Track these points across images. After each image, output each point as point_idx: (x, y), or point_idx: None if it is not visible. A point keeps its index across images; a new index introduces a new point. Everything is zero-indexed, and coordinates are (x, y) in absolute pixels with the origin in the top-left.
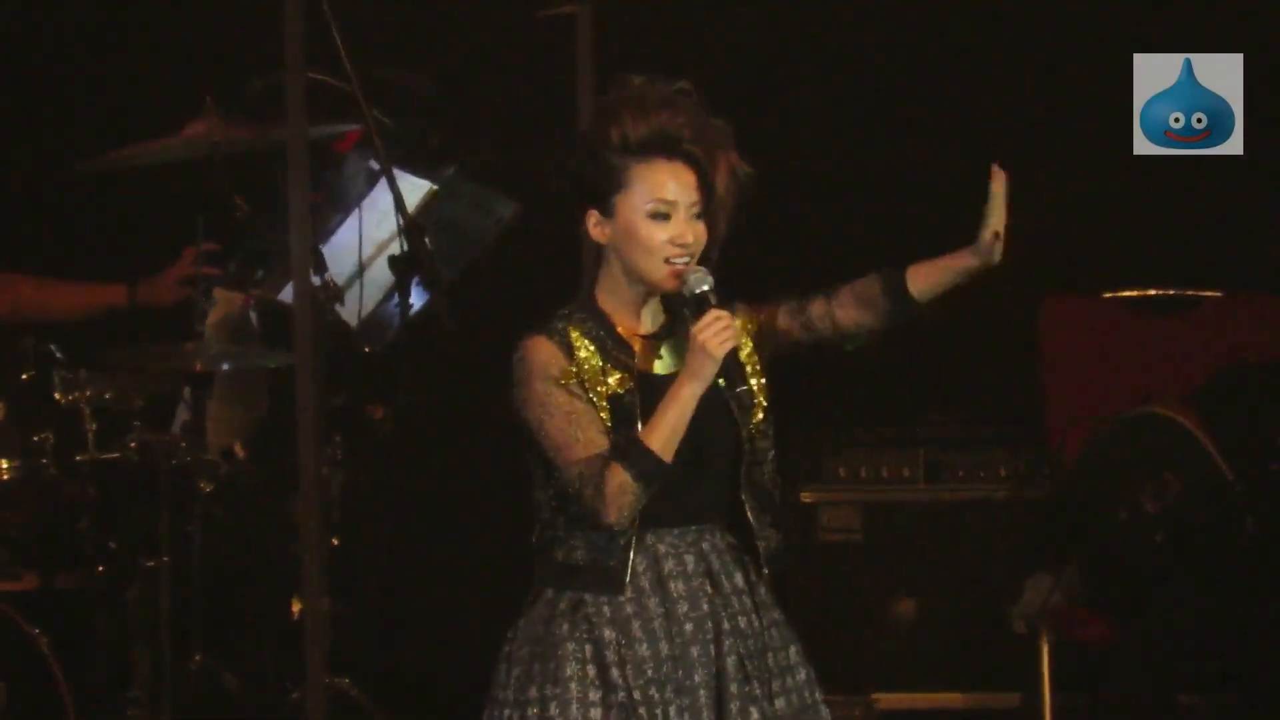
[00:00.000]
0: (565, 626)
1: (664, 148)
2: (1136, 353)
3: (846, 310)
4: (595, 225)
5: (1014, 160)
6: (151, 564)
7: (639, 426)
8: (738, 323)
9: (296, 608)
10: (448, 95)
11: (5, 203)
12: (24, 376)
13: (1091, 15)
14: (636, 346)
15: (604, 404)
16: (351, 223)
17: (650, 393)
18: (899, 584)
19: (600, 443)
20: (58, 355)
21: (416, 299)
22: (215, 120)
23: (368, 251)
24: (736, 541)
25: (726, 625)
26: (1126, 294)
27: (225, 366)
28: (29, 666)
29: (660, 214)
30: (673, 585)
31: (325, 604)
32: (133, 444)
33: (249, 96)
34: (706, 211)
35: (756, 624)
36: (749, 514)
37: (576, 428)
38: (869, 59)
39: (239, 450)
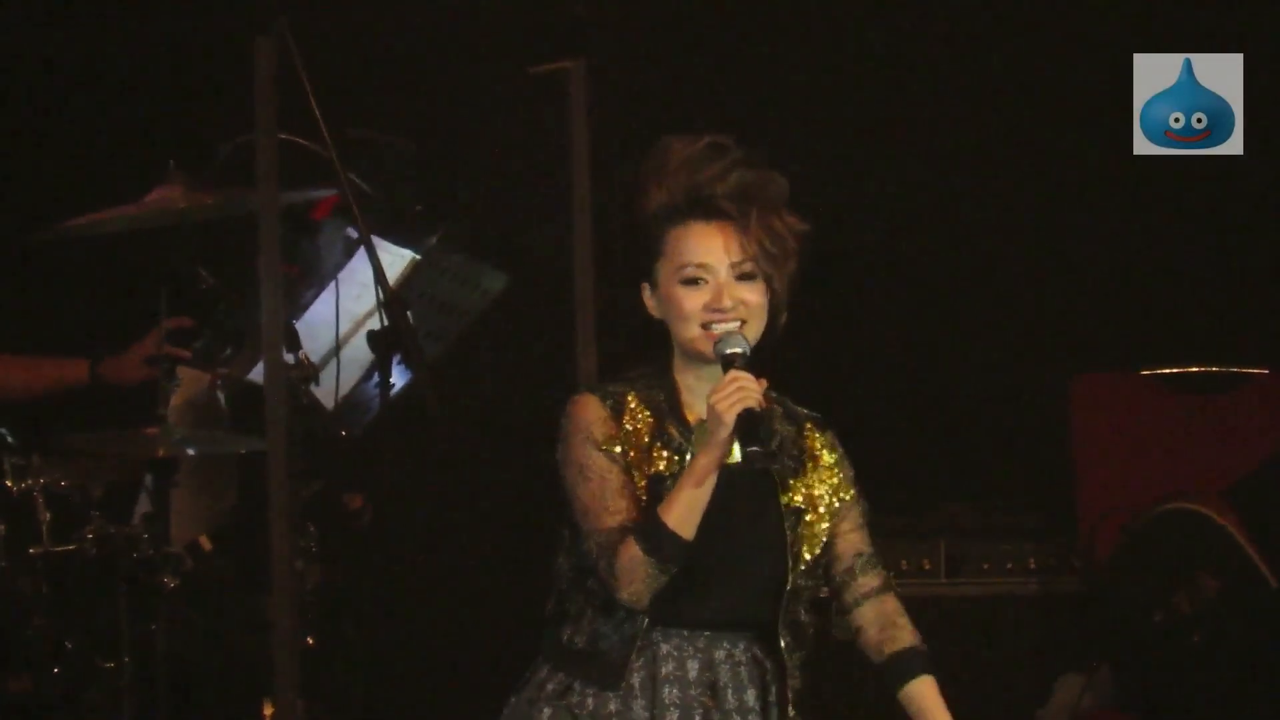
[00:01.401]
0: (547, 711)
1: (697, 209)
2: (1176, 435)
3: (864, 615)
4: (648, 298)
5: (1014, 160)
6: (111, 665)
7: None
8: (758, 385)
9: (269, 712)
10: (432, 157)
11: None
12: None
13: (1091, 15)
14: (698, 430)
15: (643, 481)
16: (328, 296)
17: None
18: None
19: (628, 514)
20: (9, 440)
21: (398, 378)
22: (180, 186)
23: (345, 327)
24: (766, 658)
25: None
26: (1165, 371)
27: (191, 452)
28: None
29: (692, 279)
30: (666, 690)
31: (299, 708)
32: (90, 535)
33: (216, 161)
34: (760, 271)
35: None
36: (783, 650)
37: (608, 495)
38: (866, 60)
39: (205, 543)
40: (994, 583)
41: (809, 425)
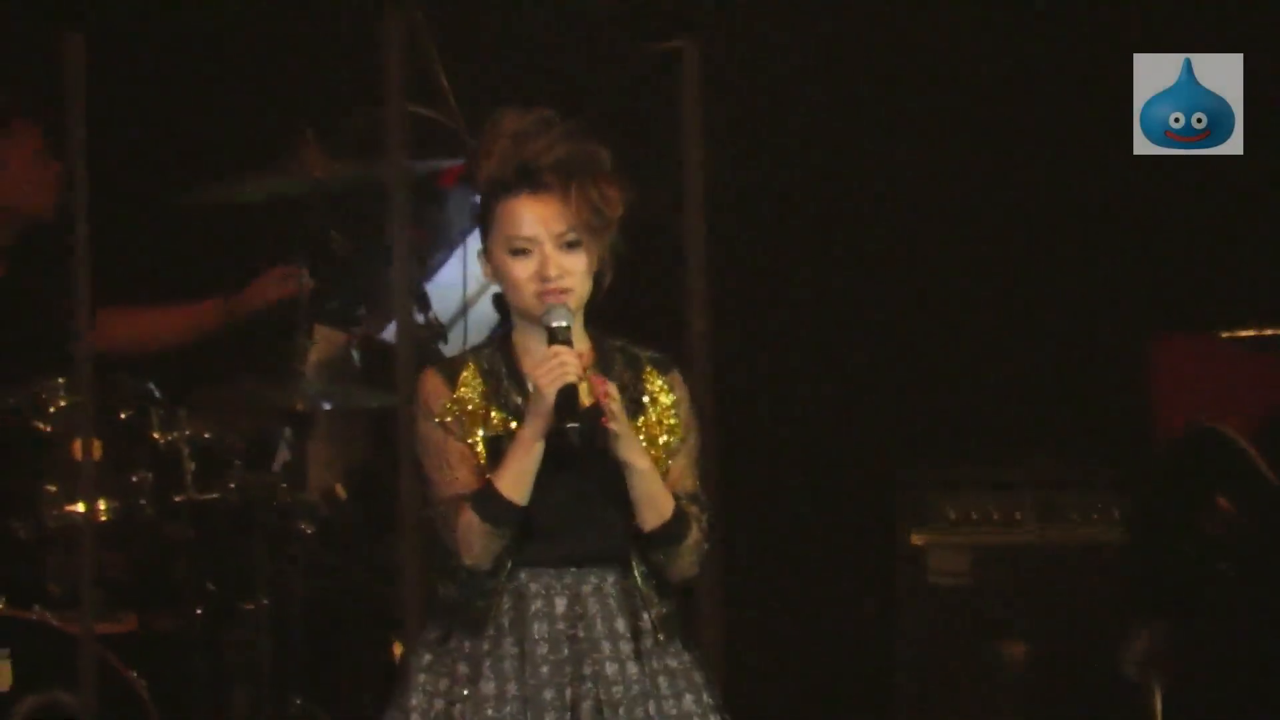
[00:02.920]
0: (427, 658)
1: (523, 181)
2: (1254, 396)
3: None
4: (483, 266)
5: (1014, 160)
6: (250, 606)
7: None
8: (578, 360)
9: (398, 650)
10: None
11: (103, 239)
12: (121, 416)
13: (1091, 15)
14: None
15: (480, 444)
16: (455, 260)
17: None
18: (1009, 628)
19: (465, 482)
20: (156, 394)
21: None
22: (315, 155)
23: (472, 289)
24: (636, 584)
25: (587, 670)
26: (1244, 334)
27: (326, 406)
28: (127, 710)
29: (519, 250)
30: (535, 626)
31: None
32: (232, 484)
33: (349, 130)
34: (583, 239)
35: (634, 671)
36: (636, 578)
37: (443, 466)
38: (866, 60)
39: (340, 491)
40: (1082, 530)
41: (649, 368)
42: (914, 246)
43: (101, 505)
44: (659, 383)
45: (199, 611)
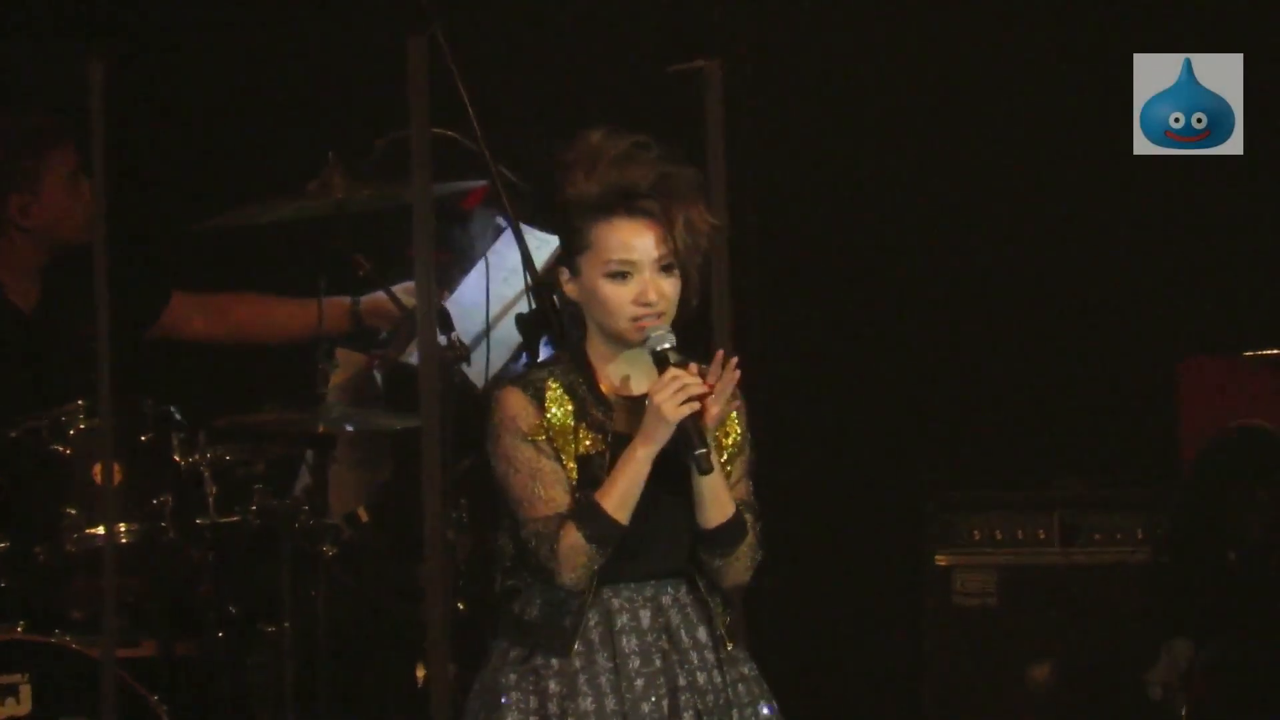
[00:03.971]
0: (513, 677)
1: (622, 204)
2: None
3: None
4: (567, 283)
5: (1014, 160)
6: (273, 630)
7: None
8: (700, 383)
9: (421, 674)
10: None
11: (126, 263)
12: (143, 438)
13: (1091, 15)
14: (618, 406)
15: (572, 463)
16: (479, 281)
17: (619, 451)
18: (1034, 648)
19: (562, 502)
20: (177, 417)
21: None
22: (339, 178)
23: (495, 310)
24: (704, 595)
25: (683, 681)
26: (1269, 353)
27: (349, 429)
28: None
29: (619, 274)
30: (624, 641)
31: (451, 670)
32: (254, 507)
33: (373, 154)
34: (677, 264)
35: (719, 680)
36: (702, 589)
37: (539, 485)
38: (868, 60)
39: (363, 514)
40: (1106, 551)
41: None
42: (938, 265)
43: (122, 528)
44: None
45: (220, 635)
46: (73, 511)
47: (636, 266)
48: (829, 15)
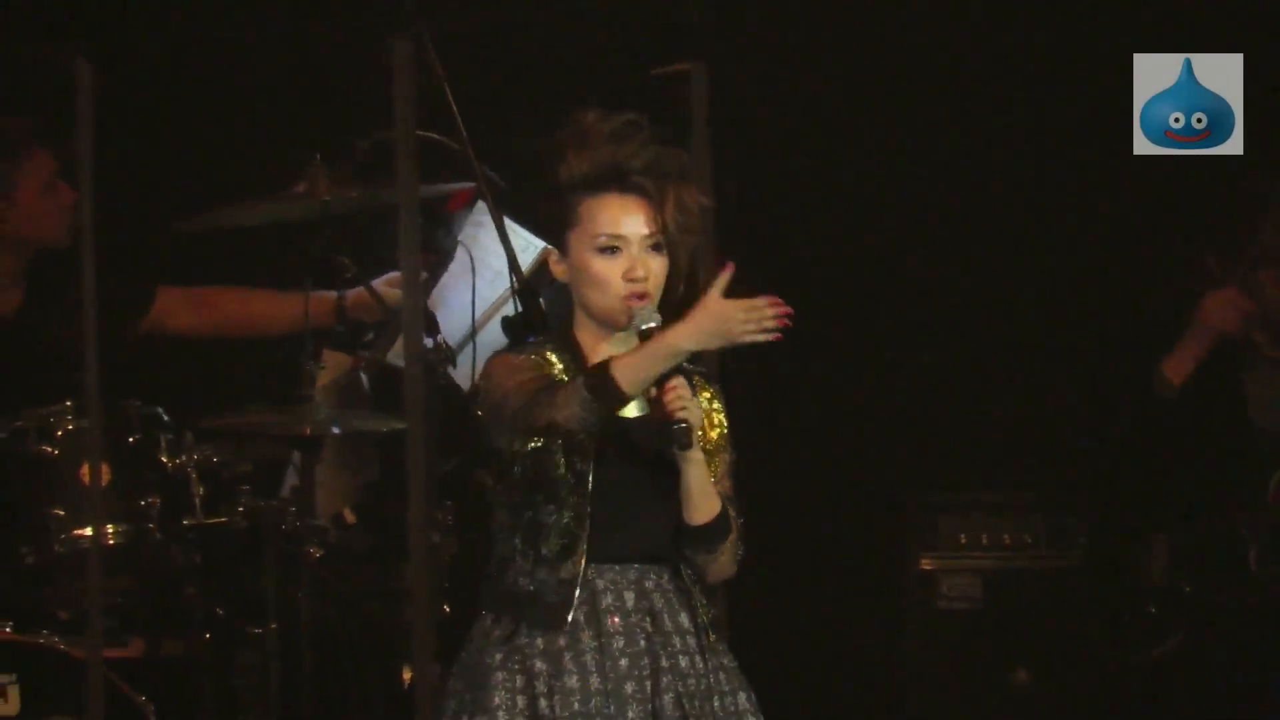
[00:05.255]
0: (498, 656)
1: (613, 181)
2: None
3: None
4: (555, 263)
5: (1013, 160)
6: (259, 631)
7: (591, 466)
8: (697, 407)
9: (406, 675)
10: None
11: (111, 264)
12: (130, 440)
13: (1091, 15)
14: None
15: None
16: (464, 282)
17: (612, 433)
18: (1018, 652)
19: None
20: (164, 418)
21: None
22: (323, 179)
23: (481, 312)
24: (688, 584)
25: (665, 663)
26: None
27: (335, 431)
28: None
29: (609, 248)
30: (608, 620)
31: (435, 671)
32: (240, 509)
33: (357, 155)
34: (666, 244)
35: (701, 666)
36: (685, 578)
37: (521, 375)
38: (862, 61)
39: (348, 516)
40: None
41: (696, 378)
42: (922, 266)
43: (109, 529)
44: (706, 391)
45: (207, 636)
46: (60, 512)
47: (626, 242)
48: (819, 15)
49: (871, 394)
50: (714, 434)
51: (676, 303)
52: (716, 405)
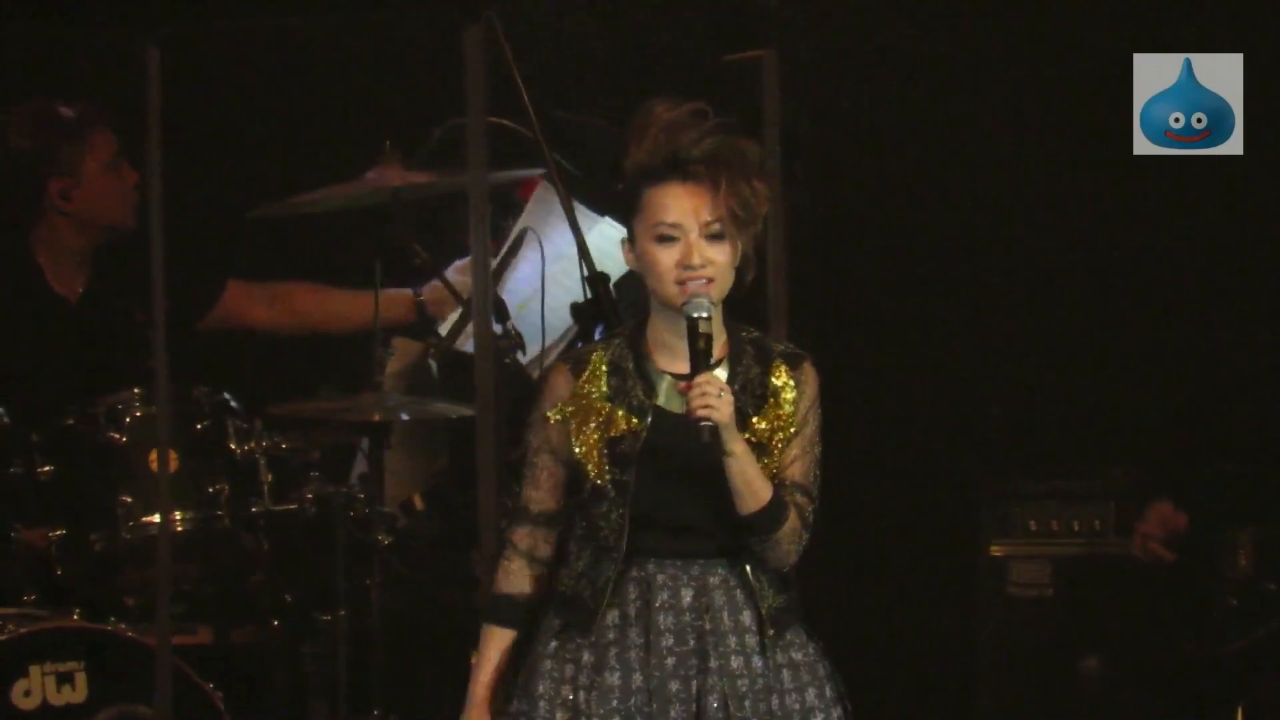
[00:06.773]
0: (552, 645)
1: (673, 170)
2: None
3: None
4: (627, 253)
5: (1013, 160)
6: (328, 618)
7: (632, 475)
8: (728, 402)
9: (474, 661)
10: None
11: (180, 251)
12: (199, 426)
13: (1091, 15)
14: (665, 382)
15: (602, 445)
16: (534, 269)
17: (662, 427)
18: (1088, 640)
19: (534, 501)
20: (233, 405)
21: None
22: (395, 166)
23: (551, 298)
24: (752, 580)
25: (714, 663)
26: None
27: (404, 417)
28: None
29: (665, 237)
30: (660, 618)
31: None
32: (309, 496)
33: (429, 142)
34: (728, 232)
35: (758, 665)
36: (749, 572)
37: (529, 475)
38: (873, 59)
39: (418, 502)
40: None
41: (778, 361)
42: (996, 256)
43: (178, 517)
44: (785, 377)
45: (276, 623)
46: (129, 499)
47: (682, 230)
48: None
49: (943, 381)
50: (781, 411)
51: (744, 296)
52: (790, 394)
